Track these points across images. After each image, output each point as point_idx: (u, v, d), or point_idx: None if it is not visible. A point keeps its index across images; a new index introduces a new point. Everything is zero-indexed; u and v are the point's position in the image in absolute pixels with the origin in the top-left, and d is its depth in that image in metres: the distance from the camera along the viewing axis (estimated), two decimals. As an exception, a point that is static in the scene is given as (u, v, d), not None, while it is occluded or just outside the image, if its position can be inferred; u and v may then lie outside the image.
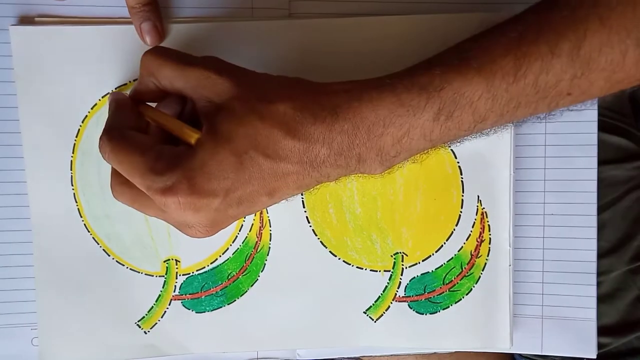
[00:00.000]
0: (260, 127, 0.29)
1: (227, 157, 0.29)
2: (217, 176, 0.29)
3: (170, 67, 0.31)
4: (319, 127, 0.30)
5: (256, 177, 0.30)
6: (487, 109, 0.30)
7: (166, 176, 0.29)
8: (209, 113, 0.30)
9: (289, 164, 0.30)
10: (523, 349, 0.44)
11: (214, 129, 0.29)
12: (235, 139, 0.29)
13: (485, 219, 0.41)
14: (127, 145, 0.30)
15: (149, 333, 0.42)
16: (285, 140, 0.29)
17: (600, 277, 0.45)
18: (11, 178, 0.41)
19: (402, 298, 0.42)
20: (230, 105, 0.30)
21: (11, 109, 0.40)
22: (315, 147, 0.30)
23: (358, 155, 0.31)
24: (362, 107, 0.30)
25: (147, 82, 0.32)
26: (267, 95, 0.30)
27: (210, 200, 0.29)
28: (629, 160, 0.47)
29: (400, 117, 0.30)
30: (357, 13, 0.41)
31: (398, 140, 0.30)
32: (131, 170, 0.30)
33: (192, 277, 0.42)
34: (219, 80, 0.30)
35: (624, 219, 0.47)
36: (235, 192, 0.30)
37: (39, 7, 0.40)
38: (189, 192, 0.29)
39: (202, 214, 0.30)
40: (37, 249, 0.41)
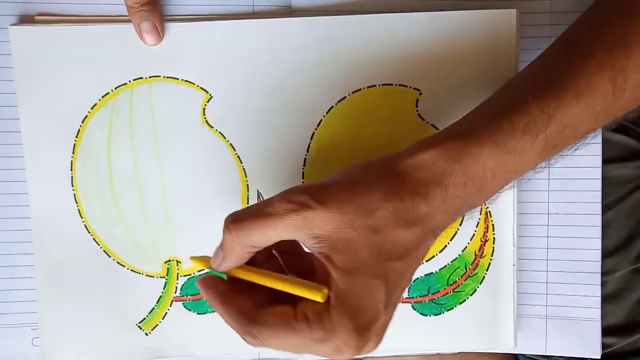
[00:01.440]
0: (383, 240, 0.28)
1: (371, 285, 0.28)
2: (372, 305, 0.28)
3: (261, 230, 0.28)
4: (432, 202, 0.29)
5: (399, 279, 0.29)
6: (588, 130, 0.30)
7: (332, 339, 0.28)
8: (324, 249, 0.28)
9: (420, 249, 0.29)
10: (527, 350, 0.43)
11: (343, 267, 0.28)
12: (368, 264, 0.28)
13: (489, 219, 0.41)
14: (273, 332, 0.28)
15: (150, 334, 0.41)
16: (408, 233, 0.28)
17: (605, 277, 0.45)
18: (11, 177, 0.41)
19: (406, 299, 0.42)
20: (343, 234, 0.28)
21: (11, 108, 0.40)
22: (434, 220, 0.29)
23: (470, 205, 0.30)
24: (467, 168, 0.29)
25: (241, 255, 0.30)
26: (369, 205, 0.28)
27: (376, 325, 0.28)
28: (634, 159, 0.46)
29: (507, 164, 0.29)
30: (359, 11, 0.41)
31: (505, 180, 0.30)
32: (294, 349, 0.29)
33: (193, 278, 0.41)
34: (315, 215, 0.28)
35: (629, 218, 0.46)
36: (389, 303, 0.29)
37: (39, 6, 0.40)
38: (359, 339, 0.28)
39: (373, 339, 0.29)
40: (38, 249, 0.40)
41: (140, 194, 0.41)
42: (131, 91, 0.40)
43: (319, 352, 0.28)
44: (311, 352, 0.29)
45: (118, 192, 0.41)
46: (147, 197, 0.41)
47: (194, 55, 0.40)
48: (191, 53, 0.40)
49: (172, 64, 0.40)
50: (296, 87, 0.40)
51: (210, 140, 0.40)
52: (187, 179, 0.41)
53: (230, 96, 0.40)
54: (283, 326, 0.28)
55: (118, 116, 0.40)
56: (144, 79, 0.40)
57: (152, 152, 0.40)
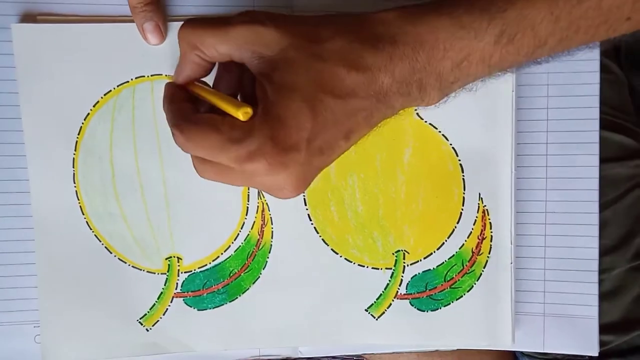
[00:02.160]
0: (323, 69, 0.29)
1: (300, 107, 0.28)
2: (295, 128, 0.28)
3: (212, 33, 0.30)
4: (380, 56, 0.29)
5: (331, 121, 0.29)
6: (548, 33, 0.30)
7: (247, 141, 0.28)
8: (265, 69, 0.29)
9: (358, 99, 0.29)
10: (525, 347, 0.44)
11: (278, 83, 0.29)
12: (301, 87, 0.28)
13: (487, 217, 0.41)
14: (198, 128, 0.29)
15: (151, 330, 0.42)
16: (349, 75, 0.29)
17: (602, 275, 0.45)
18: (13, 176, 0.41)
19: (404, 295, 0.42)
20: (286, 54, 0.29)
21: (13, 107, 0.40)
22: (379, 76, 0.29)
23: (419, 81, 0.30)
24: (420, 32, 0.29)
25: (191, 58, 0.31)
26: (319, 35, 0.29)
27: (295, 154, 0.29)
28: (631, 158, 0.47)
29: (461, 40, 0.29)
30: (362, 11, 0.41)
31: (457, 64, 0.30)
32: (212, 149, 0.29)
33: (193, 274, 0.42)
34: (265, 32, 0.29)
35: (626, 217, 0.47)
36: (315, 141, 0.29)
37: (40, 5, 0.40)
38: (274, 150, 0.28)
39: (290, 171, 0.29)
40: (39, 246, 0.41)
41: (141, 191, 0.41)
42: (133, 89, 0.40)
43: (232, 155, 0.29)
44: (225, 154, 0.29)
45: (120, 189, 0.41)
46: (149, 194, 0.41)
47: (195, 55, 0.40)
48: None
49: (174, 63, 0.39)
50: (296, 86, 0.40)
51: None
52: (189, 176, 0.41)
53: (230, 95, 0.40)
54: (208, 124, 0.29)
55: (120, 114, 0.40)
56: (146, 77, 0.40)
57: (153, 149, 0.41)
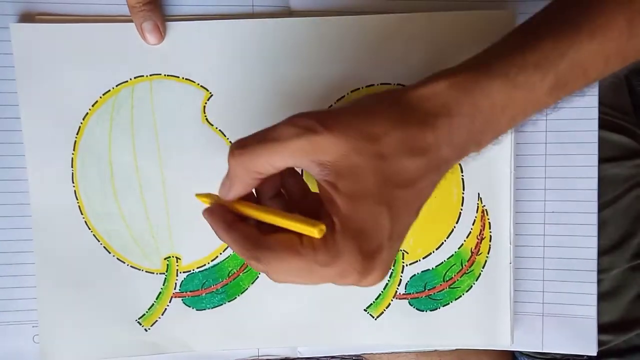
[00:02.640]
0: (388, 166, 0.28)
1: (375, 211, 0.28)
2: (376, 232, 0.28)
3: (267, 154, 0.28)
4: (438, 133, 0.28)
5: (405, 210, 0.29)
6: (599, 73, 0.30)
7: (336, 264, 0.28)
8: (329, 176, 0.28)
9: (424, 180, 0.29)
10: (524, 347, 0.44)
11: (348, 193, 0.28)
12: (372, 191, 0.28)
13: (486, 217, 0.41)
14: (277, 256, 0.28)
15: (150, 330, 0.42)
16: (414, 162, 0.28)
17: (601, 275, 0.45)
18: (12, 176, 0.41)
19: (403, 295, 0.42)
20: (348, 161, 0.28)
21: (12, 106, 0.40)
22: (440, 152, 0.29)
23: (477, 141, 0.30)
24: (476, 100, 0.28)
25: (244, 179, 0.30)
26: (375, 131, 0.28)
27: (381, 255, 0.28)
28: (630, 158, 0.47)
29: (516, 99, 0.29)
30: (358, 11, 0.41)
31: (513, 117, 0.30)
32: (298, 274, 0.29)
33: (192, 274, 0.42)
34: (321, 140, 0.27)
35: (625, 217, 0.47)
36: (394, 233, 0.29)
37: (39, 5, 0.40)
38: (363, 264, 0.28)
39: (378, 270, 0.29)
40: (38, 246, 0.41)
41: (140, 191, 0.41)
42: (132, 89, 0.40)
43: (324, 277, 0.28)
44: (315, 277, 0.28)
45: (118, 188, 0.41)
46: (148, 194, 0.41)
47: (194, 54, 0.40)
48: (192, 52, 0.40)
49: (173, 63, 0.40)
50: (295, 86, 0.40)
51: (210, 138, 0.41)
52: (187, 177, 0.41)
53: (230, 95, 0.40)
54: (288, 250, 0.28)
55: (119, 113, 0.40)
56: (144, 77, 0.40)
57: (152, 149, 0.41)
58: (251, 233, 0.30)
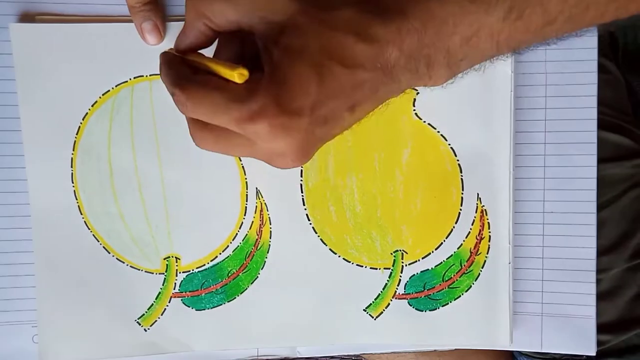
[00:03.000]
0: (332, 36, 0.28)
1: (306, 72, 0.28)
2: (300, 93, 0.28)
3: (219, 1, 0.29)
4: (389, 27, 0.28)
5: (336, 90, 0.28)
6: (558, 10, 0.29)
7: (250, 101, 0.27)
8: (273, 34, 0.28)
9: (365, 71, 0.28)
10: (523, 347, 0.44)
11: (285, 46, 0.28)
12: (309, 52, 0.28)
13: (485, 217, 0.42)
14: (200, 86, 0.29)
15: (149, 330, 0.42)
16: (358, 46, 0.28)
17: (600, 275, 0.45)
18: (12, 176, 0.41)
19: (402, 295, 0.42)
20: (295, 20, 0.28)
21: (12, 106, 0.40)
22: (387, 49, 0.28)
23: (427, 57, 0.29)
24: (430, 5, 0.28)
25: (197, 27, 0.30)
26: (329, 2, 0.29)
27: (299, 120, 0.28)
28: (629, 158, 0.47)
29: (470, 15, 0.29)
30: None
31: (467, 40, 0.29)
32: (214, 107, 0.28)
33: (192, 274, 0.42)
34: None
35: (623, 217, 0.47)
36: (320, 109, 0.28)
37: (39, 5, 0.40)
38: (278, 112, 0.27)
39: (292, 137, 0.28)
40: (37, 246, 0.41)
41: (140, 191, 0.41)
42: (132, 89, 0.40)
43: (234, 115, 0.28)
44: (228, 114, 0.28)
45: (118, 188, 0.41)
46: (147, 194, 0.41)
47: (193, 54, 0.40)
48: None
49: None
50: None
51: (209, 138, 0.41)
52: (187, 176, 0.41)
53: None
54: (211, 83, 0.29)
55: (118, 114, 0.40)
56: (144, 77, 0.40)
57: (152, 149, 0.41)
58: (187, 71, 0.30)
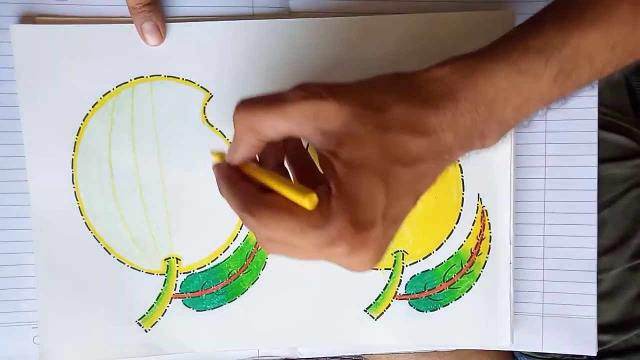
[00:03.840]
0: (390, 139, 0.28)
1: (373, 182, 0.27)
2: (371, 205, 0.27)
3: (271, 114, 0.28)
4: (442, 115, 0.28)
5: (403, 190, 0.28)
6: (605, 62, 0.30)
7: (328, 227, 0.27)
8: (330, 145, 0.28)
9: (425, 163, 0.28)
10: (523, 347, 0.44)
11: (347, 160, 0.27)
12: (371, 161, 0.27)
13: (486, 217, 0.42)
14: (272, 212, 0.28)
15: (150, 331, 0.42)
16: (415, 141, 0.28)
17: (601, 275, 0.45)
18: (12, 177, 0.41)
19: (403, 296, 0.42)
20: (350, 128, 0.28)
21: (12, 107, 0.40)
22: (443, 136, 0.28)
23: (481, 132, 0.29)
24: (478, 84, 0.29)
25: (249, 141, 0.30)
26: (380, 103, 0.28)
27: (373, 232, 0.28)
28: (629, 158, 0.47)
29: (520, 86, 0.29)
30: (358, 12, 0.41)
31: (518, 108, 0.29)
32: (289, 234, 0.28)
33: (192, 275, 0.42)
34: (325, 106, 0.28)
35: (624, 217, 0.47)
36: (389, 213, 0.28)
37: (40, 6, 0.40)
38: (355, 232, 0.27)
39: (369, 248, 0.28)
40: (38, 247, 0.41)
41: (140, 192, 0.41)
42: (132, 90, 0.40)
43: (313, 241, 0.28)
44: (305, 239, 0.28)
45: (118, 189, 0.41)
46: (148, 195, 0.41)
47: (194, 55, 0.40)
48: (192, 53, 0.40)
49: (173, 63, 0.40)
50: (295, 86, 0.40)
51: (210, 139, 0.41)
52: (187, 177, 0.41)
53: (230, 95, 0.41)
54: (282, 207, 0.28)
55: (119, 114, 0.40)
56: (145, 78, 0.40)
57: (152, 150, 0.41)
58: (251, 190, 0.30)
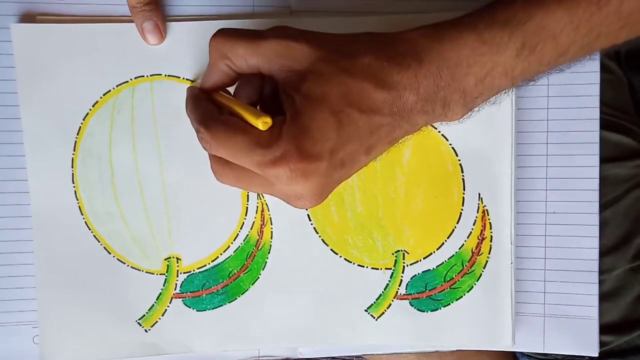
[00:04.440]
0: (351, 83, 0.29)
1: (326, 118, 0.29)
2: (320, 139, 0.29)
3: (244, 45, 0.30)
4: (405, 74, 0.30)
5: (354, 135, 0.30)
6: (569, 41, 0.30)
7: (273, 147, 0.29)
8: (294, 81, 0.30)
9: (382, 116, 0.30)
10: (525, 347, 0.44)
11: (306, 93, 0.29)
12: (329, 99, 0.29)
13: (487, 217, 0.41)
14: (226, 128, 0.30)
15: (150, 331, 0.42)
16: (376, 92, 0.29)
17: (602, 276, 0.45)
18: (12, 176, 0.41)
19: (404, 296, 0.42)
20: (316, 67, 0.29)
21: (12, 107, 0.40)
22: (404, 94, 0.30)
23: (443, 99, 0.31)
24: (444, 49, 0.30)
25: (220, 67, 0.32)
26: (349, 51, 0.30)
27: (318, 165, 0.29)
28: (631, 158, 0.47)
29: (483, 55, 0.30)
30: (359, 11, 0.41)
31: (481, 79, 0.30)
32: (237, 150, 0.30)
33: (193, 275, 0.42)
34: (297, 46, 0.29)
35: (626, 217, 0.47)
36: (338, 153, 0.29)
37: (40, 5, 0.40)
38: (299, 158, 0.28)
39: (311, 181, 0.29)
40: (38, 247, 0.41)
41: (140, 191, 0.41)
42: (132, 89, 0.40)
43: (257, 159, 0.29)
44: (250, 156, 0.29)
45: (119, 189, 0.41)
46: (148, 195, 0.41)
47: (195, 55, 0.40)
48: (192, 52, 0.40)
49: (174, 63, 0.40)
50: (295, 86, 0.40)
51: (210, 138, 0.41)
52: (188, 177, 0.41)
53: (230, 95, 0.41)
54: (237, 126, 0.30)
55: (119, 114, 0.40)
56: (145, 77, 0.40)
57: (153, 149, 0.41)
58: (212, 109, 0.32)
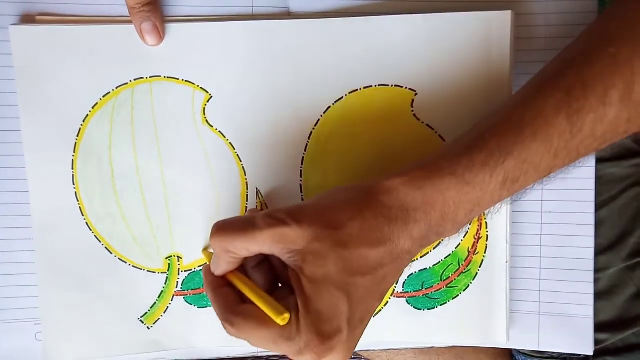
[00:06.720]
0: (348, 254, 0.31)
1: (334, 295, 0.31)
2: (335, 316, 0.31)
3: (241, 239, 0.32)
4: (395, 226, 0.31)
5: (364, 296, 0.31)
6: (550, 166, 0.32)
7: (296, 340, 0.31)
8: (297, 262, 0.31)
9: (384, 267, 0.31)
10: (520, 345, 0.44)
11: (311, 277, 0.31)
12: (333, 277, 0.31)
13: (482, 216, 0.42)
14: (248, 323, 0.32)
15: (152, 328, 0.42)
16: (372, 252, 0.31)
17: (598, 274, 0.46)
18: (12, 176, 0.41)
19: (400, 294, 0.42)
20: (313, 248, 0.31)
21: (12, 107, 0.41)
22: (399, 243, 0.31)
23: (437, 232, 0.32)
24: (428, 195, 0.31)
25: (226, 259, 0.34)
26: (337, 222, 0.31)
27: (339, 337, 0.31)
28: (627, 158, 0.47)
29: (468, 194, 0.31)
30: (357, 13, 0.41)
31: (470, 210, 0.32)
32: (263, 343, 0.32)
33: (194, 273, 0.42)
34: (290, 231, 0.31)
35: (621, 217, 0.47)
36: (354, 317, 0.31)
37: (39, 5, 0.40)
38: (320, 341, 0.30)
39: (337, 351, 0.31)
40: (39, 247, 0.41)
41: (141, 192, 0.41)
42: (132, 91, 0.40)
43: (284, 350, 0.31)
44: (278, 348, 0.32)
45: (119, 189, 0.41)
46: (148, 195, 0.41)
47: (194, 56, 0.40)
48: (191, 53, 0.40)
49: (173, 64, 0.40)
50: (294, 87, 0.41)
51: (210, 139, 0.41)
52: (188, 177, 0.41)
53: (229, 96, 0.41)
54: (258, 320, 0.32)
55: (119, 115, 0.40)
56: (144, 79, 0.40)
57: (152, 150, 0.41)
58: (232, 299, 0.34)
